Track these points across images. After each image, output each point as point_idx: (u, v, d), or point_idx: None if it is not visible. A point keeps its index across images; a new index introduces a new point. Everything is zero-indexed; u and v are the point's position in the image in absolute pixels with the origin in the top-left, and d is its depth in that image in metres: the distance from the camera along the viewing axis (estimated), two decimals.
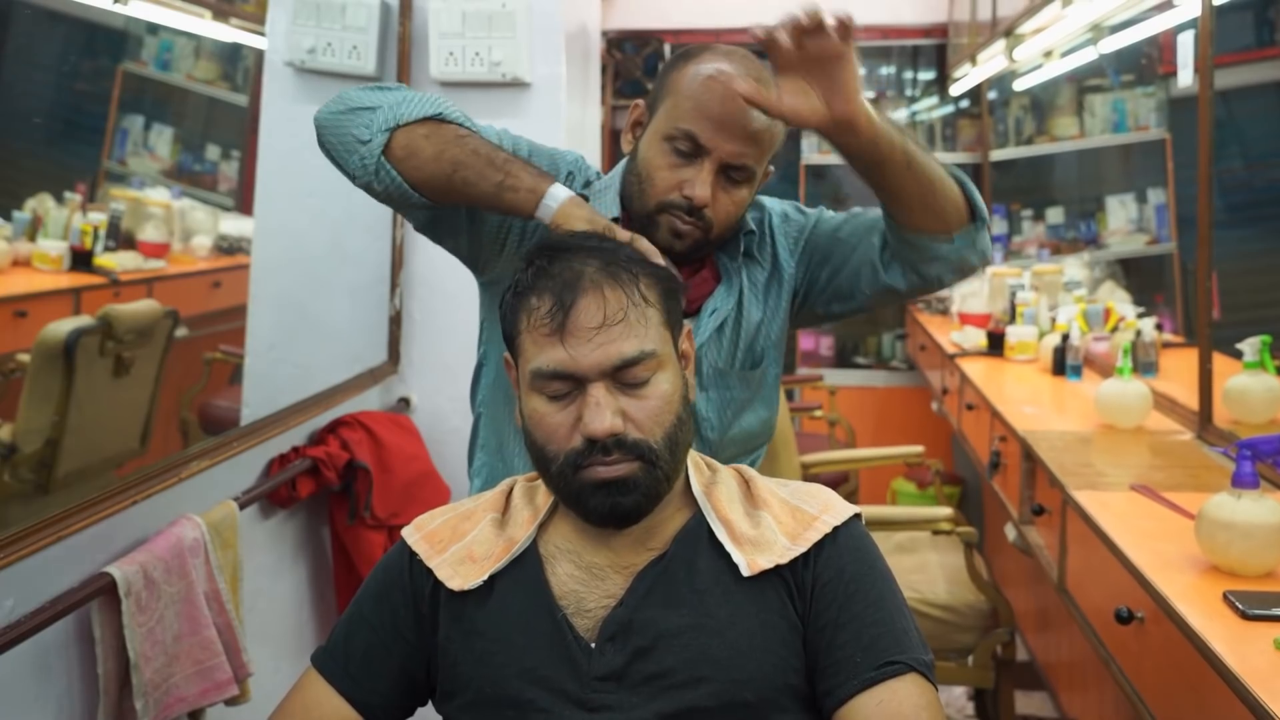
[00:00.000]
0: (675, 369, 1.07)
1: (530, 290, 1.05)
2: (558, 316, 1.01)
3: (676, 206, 1.26)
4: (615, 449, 1.01)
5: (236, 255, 3.09)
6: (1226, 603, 1.30)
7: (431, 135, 1.25)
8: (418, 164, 1.24)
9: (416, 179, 1.25)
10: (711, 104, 1.24)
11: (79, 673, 1.40)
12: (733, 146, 1.25)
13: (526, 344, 1.05)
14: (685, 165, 1.26)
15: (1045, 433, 2.24)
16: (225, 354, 2.74)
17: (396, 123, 1.24)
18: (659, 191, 1.27)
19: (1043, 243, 4.34)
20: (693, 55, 1.30)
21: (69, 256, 2.60)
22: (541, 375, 1.03)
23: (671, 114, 1.27)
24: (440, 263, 2.51)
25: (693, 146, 1.25)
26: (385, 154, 1.24)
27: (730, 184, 1.28)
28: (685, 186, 1.26)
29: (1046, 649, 2.99)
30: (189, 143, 3.29)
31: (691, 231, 1.27)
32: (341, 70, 2.33)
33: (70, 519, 1.37)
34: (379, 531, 2.15)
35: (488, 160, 1.23)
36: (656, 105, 1.31)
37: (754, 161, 1.28)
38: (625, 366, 1.02)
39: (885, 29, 4.67)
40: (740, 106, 1.22)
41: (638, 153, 1.32)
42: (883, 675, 1.00)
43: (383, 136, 1.24)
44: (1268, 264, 2.70)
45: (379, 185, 1.26)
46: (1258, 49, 2.73)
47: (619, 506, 1.02)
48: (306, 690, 1.11)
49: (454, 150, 1.24)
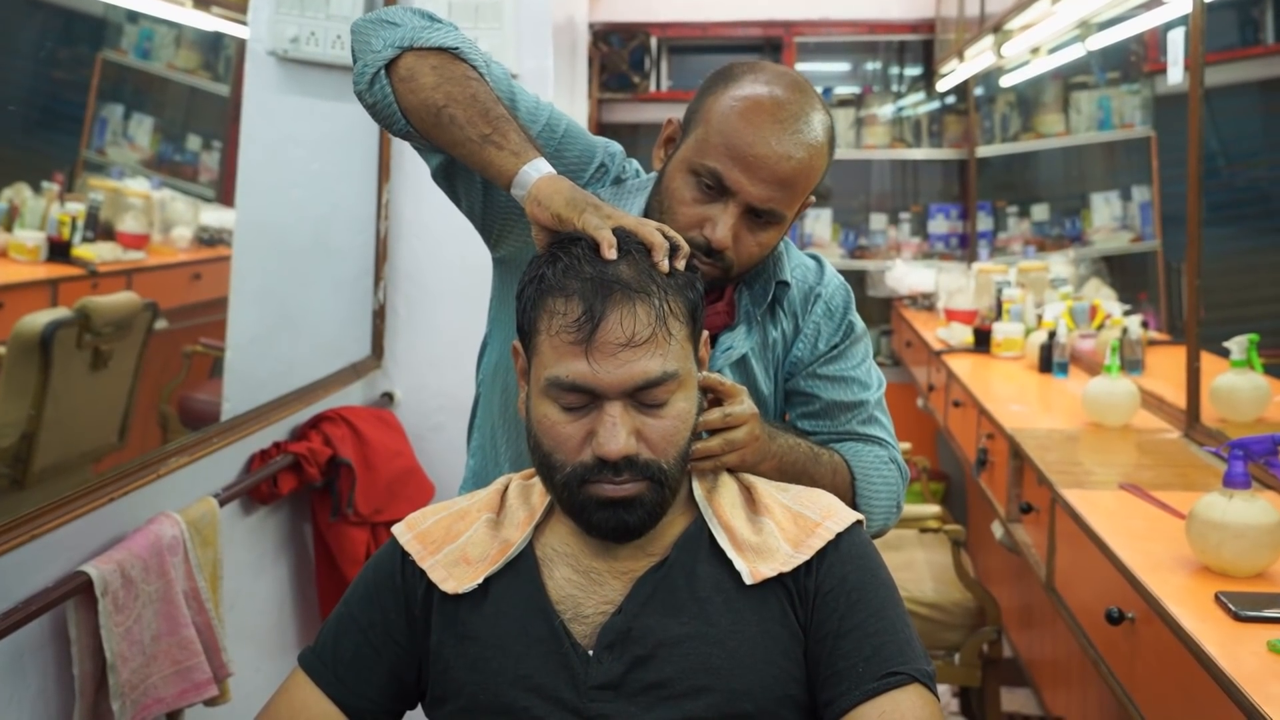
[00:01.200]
0: (694, 386, 1.04)
1: (558, 290, 1.00)
2: (585, 328, 0.97)
3: (695, 245, 1.16)
4: (626, 469, 0.99)
5: (217, 247, 3.04)
6: (1218, 604, 1.29)
7: (440, 67, 1.19)
8: (413, 88, 1.18)
9: (407, 103, 1.19)
10: (741, 144, 1.16)
11: (54, 674, 1.37)
12: (760, 191, 1.17)
13: (545, 347, 1.00)
14: (708, 203, 1.18)
15: (1033, 430, 2.23)
16: (206, 347, 2.70)
17: (410, 44, 1.19)
18: (679, 227, 1.16)
19: (1028, 239, 4.35)
20: (734, 78, 1.20)
21: (46, 247, 2.55)
22: (559, 385, 0.99)
23: (700, 146, 1.19)
24: (425, 257, 2.50)
25: (718, 185, 1.17)
26: (389, 70, 1.19)
27: (755, 225, 1.20)
28: (706, 226, 1.18)
29: (1030, 646, 3.00)
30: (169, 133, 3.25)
31: (709, 271, 1.19)
32: (325, 60, 2.30)
33: (46, 516, 1.35)
34: (362, 529, 2.13)
35: (482, 110, 1.16)
36: (690, 127, 1.22)
37: (783, 206, 1.19)
38: (647, 387, 0.99)
39: (873, 24, 4.67)
40: (779, 147, 1.15)
41: (664, 177, 1.24)
42: (885, 686, 0.98)
43: (391, 51, 1.19)
44: (1249, 262, 2.72)
45: (369, 97, 1.22)
46: (1241, 48, 2.74)
47: (624, 524, 1.00)
48: (294, 693, 1.08)
49: (452, 87, 1.17)
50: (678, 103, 4.72)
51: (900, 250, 4.67)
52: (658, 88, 4.77)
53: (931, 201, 4.77)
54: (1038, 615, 2.85)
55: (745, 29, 4.71)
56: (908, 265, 4.46)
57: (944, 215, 4.68)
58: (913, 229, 4.74)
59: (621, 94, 4.71)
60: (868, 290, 4.64)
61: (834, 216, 4.73)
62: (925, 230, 4.72)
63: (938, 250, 4.64)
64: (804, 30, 4.68)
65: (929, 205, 4.74)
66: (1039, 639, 2.88)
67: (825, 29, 4.70)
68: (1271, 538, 1.36)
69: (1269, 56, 2.70)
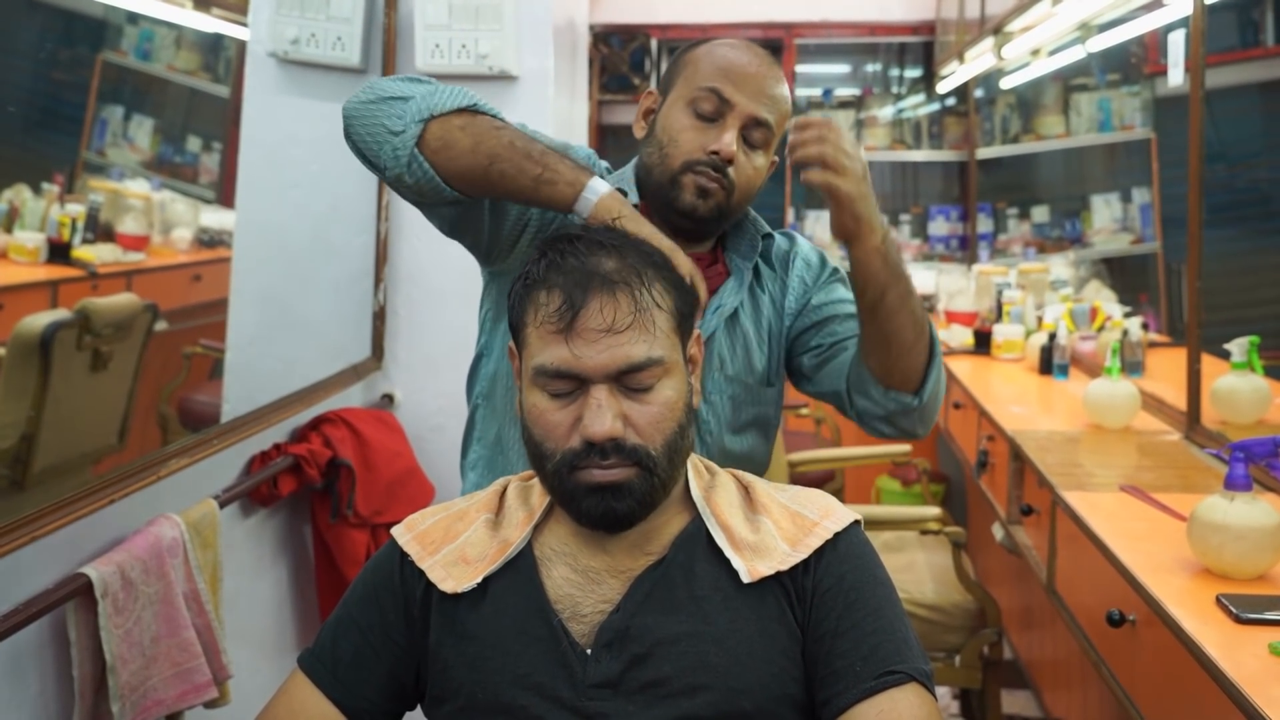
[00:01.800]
0: (681, 376, 1.05)
1: (541, 283, 1.03)
2: (566, 315, 0.99)
3: (702, 164, 1.27)
4: (613, 453, 0.99)
5: (217, 248, 3.05)
6: (1220, 606, 1.29)
7: (467, 127, 1.21)
8: (452, 156, 1.20)
9: (450, 171, 1.21)
10: (735, 66, 1.28)
11: (54, 676, 1.37)
12: (755, 105, 1.28)
13: (532, 338, 1.03)
14: (709, 127, 1.28)
15: (1033, 432, 2.23)
16: (206, 349, 2.70)
17: (431, 113, 1.20)
18: (684, 152, 1.27)
19: (1028, 241, 4.35)
20: (704, 40, 1.34)
21: (46, 248, 2.55)
22: (545, 372, 1.01)
23: (692, 80, 1.29)
24: (425, 258, 2.50)
25: (717, 105, 1.27)
26: (419, 145, 1.20)
27: (750, 147, 1.30)
28: (711, 143, 1.27)
29: (1031, 648, 2.99)
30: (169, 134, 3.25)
31: (716, 190, 1.28)
32: (325, 61, 2.30)
33: (46, 518, 1.34)
34: (362, 530, 2.12)
35: (525, 153, 1.20)
36: (672, 83, 1.32)
37: (774, 121, 1.30)
38: (631, 371, 1.00)
39: (873, 25, 4.67)
40: (762, 70, 1.29)
41: (655, 127, 1.32)
42: (883, 685, 0.98)
43: (417, 127, 1.20)
44: (1250, 264, 2.72)
45: (410, 178, 1.21)
46: (1242, 49, 2.74)
47: (612, 511, 1.01)
48: (293, 694, 1.09)
49: (490, 142, 1.20)
50: None
51: (901, 252, 4.68)
52: None
53: (932, 203, 4.77)
54: (1038, 617, 2.85)
55: (745, 30, 4.71)
56: (908, 267, 4.46)
57: (944, 217, 4.68)
58: (913, 230, 4.74)
59: (622, 95, 4.71)
60: None
61: None
62: (925, 232, 4.72)
63: (938, 252, 4.65)
64: (804, 32, 4.69)
65: (929, 207, 4.74)
66: (1040, 641, 2.87)
67: (825, 30, 4.70)
68: (1272, 540, 1.36)
69: (1269, 58, 2.70)
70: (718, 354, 1.34)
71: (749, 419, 1.39)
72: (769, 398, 1.40)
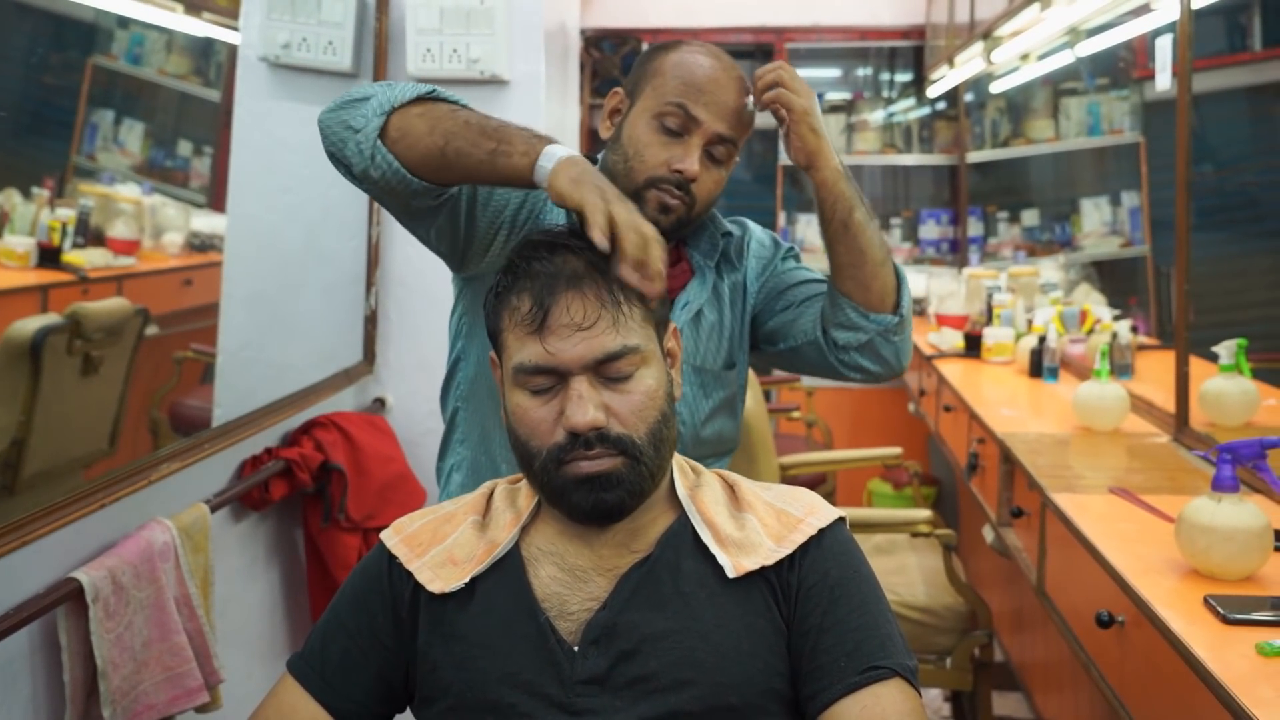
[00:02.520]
0: (660, 366, 1.06)
1: (511, 290, 1.05)
2: (537, 315, 1.01)
3: (665, 181, 1.30)
4: (598, 443, 1.01)
5: (208, 253, 3.04)
6: (1207, 607, 1.30)
7: (425, 113, 1.22)
8: (411, 143, 1.20)
9: (411, 159, 1.21)
10: (701, 81, 1.31)
11: (44, 681, 1.36)
12: (719, 123, 1.31)
13: (509, 341, 1.04)
14: (674, 142, 1.31)
15: (1023, 435, 2.24)
16: (197, 353, 2.69)
17: (391, 105, 1.22)
18: (648, 167, 1.30)
19: (1018, 245, 4.36)
20: (673, 46, 1.36)
21: (36, 253, 2.54)
22: (524, 370, 1.02)
23: (659, 92, 1.32)
24: (417, 261, 2.49)
25: (683, 121, 1.30)
26: (381, 138, 1.21)
27: (713, 162, 1.33)
28: (674, 161, 1.30)
29: (1021, 650, 3.00)
30: (160, 138, 3.24)
31: (678, 206, 1.31)
32: (317, 66, 2.30)
33: (36, 523, 1.34)
34: (354, 534, 2.12)
35: (479, 129, 1.19)
36: (639, 90, 1.35)
37: (737, 138, 1.34)
38: (608, 360, 1.01)
39: (863, 30, 4.69)
40: (728, 85, 1.31)
41: (621, 134, 1.35)
42: (867, 680, 0.99)
43: (378, 120, 1.21)
44: (1238, 267, 2.73)
45: (375, 171, 1.21)
46: (1230, 54, 2.75)
47: (602, 502, 1.01)
48: (282, 697, 1.09)
49: (446, 123, 1.20)
50: None
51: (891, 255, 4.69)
52: None
53: (922, 207, 4.78)
54: (1029, 619, 2.86)
55: (737, 34, 4.73)
56: None
57: (935, 220, 4.70)
58: (904, 234, 4.75)
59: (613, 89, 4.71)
60: None
61: None
62: (916, 235, 4.73)
63: (928, 255, 4.66)
64: (795, 36, 4.70)
65: (920, 210, 4.75)
66: (1030, 643, 2.88)
67: (816, 35, 4.71)
68: (1260, 541, 1.37)
69: (1256, 63, 2.72)
70: (688, 349, 1.39)
71: (716, 403, 1.43)
72: (731, 379, 1.46)
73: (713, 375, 1.42)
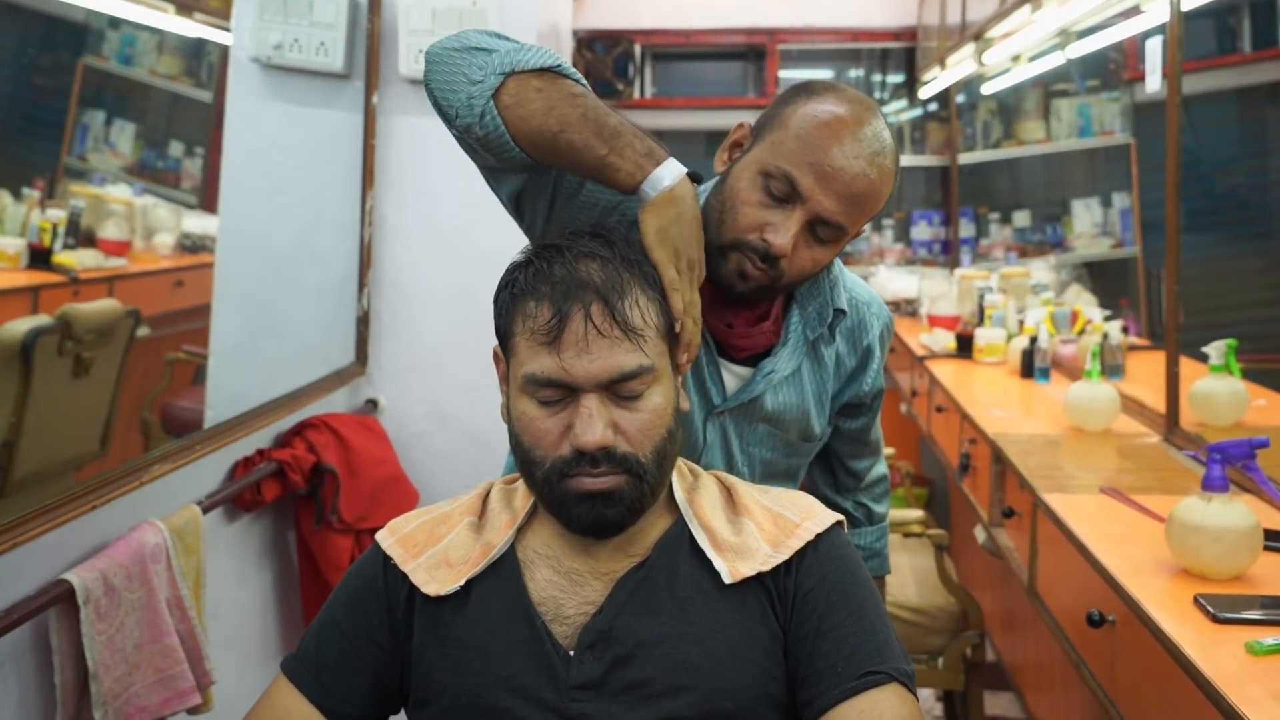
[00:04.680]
0: (669, 382, 1.05)
1: (529, 293, 1.02)
2: (554, 328, 0.99)
3: (752, 248, 1.18)
4: (604, 461, 1.00)
5: (200, 254, 3.03)
6: (1197, 606, 1.31)
7: (545, 89, 1.12)
8: (525, 114, 1.12)
9: (520, 131, 1.12)
10: (820, 153, 1.16)
11: (35, 683, 1.36)
12: (830, 203, 1.17)
13: (521, 346, 1.03)
14: (774, 208, 1.18)
15: (1014, 435, 2.25)
16: (188, 354, 2.68)
17: (513, 68, 1.12)
18: (740, 228, 1.18)
19: (1009, 246, 4.37)
20: (815, 92, 1.21)
21: (26, 254, 2.53)
22: (535, 381, 1.01)
23: (775, 149, 1.18)
24: (409, 263, 2.50)
25: (787, 190, 1.17)
26: (495, 98, 1.12)
27: (815, 240, 1.20)
28: (768, 230, 1.17)
29: (1013, 650, 3.01)
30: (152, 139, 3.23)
31: (759, 277, 1.19)
32: (309, 67, 2.30)
33: (27, 524, 1.34)
34: (346, 536, 2.12)
35: (596, 128, 1.11)
36: (762, 133, 1.22)
37: (848, 222, 1.19)
38: (622, 380, 1.00)
39: (855, 32, 4.69)
40: (851, 163, 1.16)
41: (728, 178, 1.23)
42: (864, 685, 0.99)
43: (496, 79, 1.12)
44: (1227, 268, 2.74)
45: (480, 130, 1.13)
46: (1219, 56, 2.77)
47: (603, 518, 1.01)
48: (276, 698, 1.09)
49: (564, 109, 1.11)
50: (662, 110, 4.74)
51: (883, 256, 4.70)
52: (642, 94, 4.78)
53: (914, 208, 4.79)
54: (1020, 619, 2.87)
55: (729, 36, 4.73)
56: (891, 271, 4.48)
57: (927, 222, 4.71)
58: (896, 235, 4.76)
59: (606, 101, 4.70)
60: None
61: None
62: (908, 236, 4.74)
63: (920, 256, 4.67)
64: (787, 38, 4.71)
65: (912, 212, 4.76)
66: (1022, 643, 2.89)
67: (808, 36, 4.72)
68: (1249, 540, 1.37)
69: (1246, 65, 2.73)
70: (768, 412, 1.32)
71: (781, 470, 1.39)
72: (807, 450, 1.40)
73: (789, 445, 1.36)
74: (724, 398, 1.30)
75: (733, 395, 1.30)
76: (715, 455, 1.32)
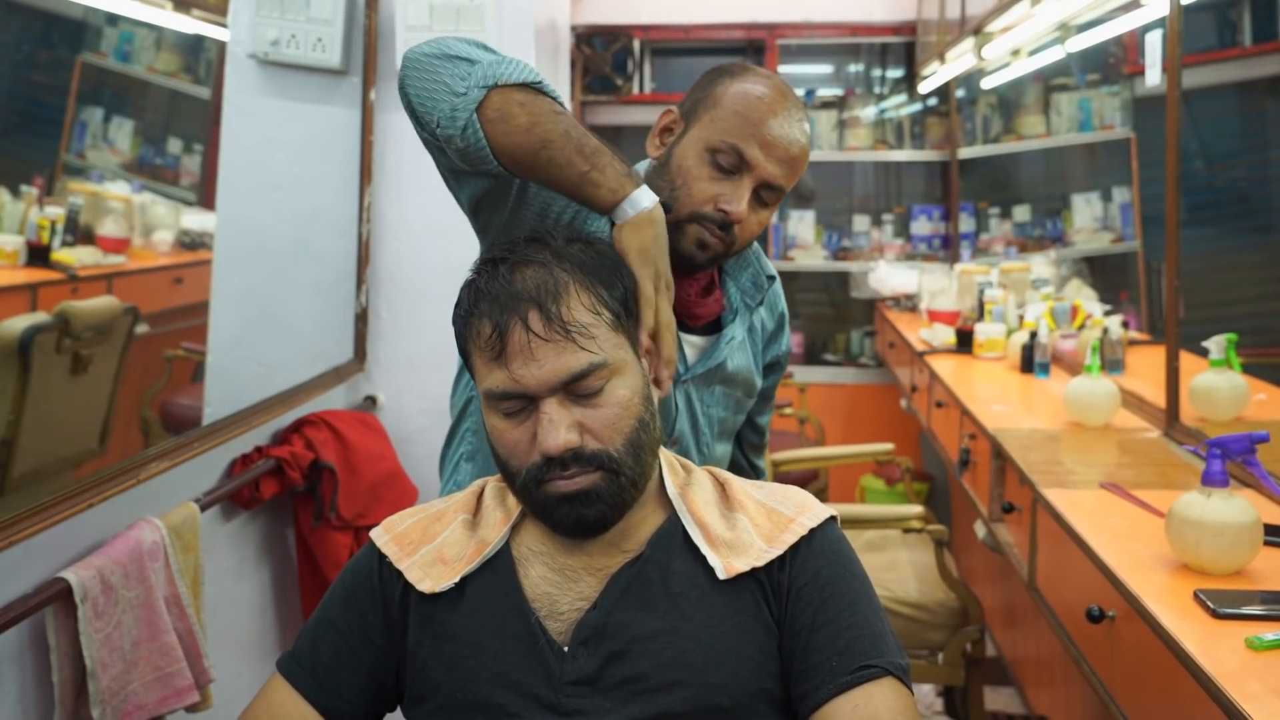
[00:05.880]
0: (633, 371, 1.05)
1: (473, 313, 1.04)
2: (496, 343, 1.00)
3: (709, 219, 1.27)
4: (573, 463, 1.00)
5: (199, 251, 3.03)
6: (1197, 601, 1.30)
7: (527, 104, 1.15)
8: (508, 129, 1.15)
9: (501, 145, 1.15)
10: (760, 123, 1.27)
11: (33, 681, 1.36)
12: (773, 169, 1.28)
13: (478, 364, 1.04)
14: (724, 179, 1.28)
15: (1014, 430, 2.24)
16: (187, 351, 2.69)
17: (495, 81, 1.15)
18: (695, 202, 1.27)
19: (1010, 240, 4.37)
20: (737, 73, 1.31)
21: (25, 251, 2.53)
22: (493, 395, 1.02)
23: (717, 126, 1.28)
24: (407, 260, 2.49)
25: (736, 162, 1.27)
26: (478, 111, 1.14)
27: (760, 204, 1.30)
28: (722, 200, 1.27)
29: (1014, 645, 3.01)
30: (150, 136, 3.23)
31: (716, 245, 1.29)
32: (306, 63, 2.30)
33: (25, 522, 1.33)
34: (345, 533, 2.12)
35: (578, 147, 1.15)
36: (694, 115, 1.31)
37: (787, 183, 1.30)
38: (575, 380, 1.00)
39: (855, 26, 4.69)
40: (787, 127, 1.27)
41: (671, 159, 1.31)
42: (858, 679, 0.99)
43: (479, 92, 1.14)
44: (1228, 262, 2.74)
45: (461, 141, 1.15)
46: (1219, 50, 2.76)
47: (583, 519, 1.01)
48: (272, 696, 1.09)
49: (547, 125, 1.15)
50: (661, 105, 4.72)
51: (883, 252, 4.69)
52: (641, 90, 4.78)
53: (914, 203, 4.79)
54: (1020, 614, 2.87)
55: (728, 31, 4.72)
56: (890, 266, 4.48)
57: (926, 217, 4.70)
58: (895, 230, 4.76)
59: (605, 96, 4.71)
60: (851, 291, 4.65)
61: (817, 218, 4.74)
62: (908, 231, 4.74)
63: (920, 251, 4.66)
64: (786, 32, 4.70)
65: (911, 207, 4.76)
66: (1022, 638, 2.89)
67: (807, 31, 4.71)
68: (1249, 535, 1.37)
69: (1246, 58, 2.73)
70: (727, 374, 1.41)
71: (730, 427, 1.47)
72: (747, 406, 1.49)
73: (739, 403, 1.45)
74: (687, 366, 1.37)
75: (698, 362, 1.38)
76: (684, 420, 1.38)
